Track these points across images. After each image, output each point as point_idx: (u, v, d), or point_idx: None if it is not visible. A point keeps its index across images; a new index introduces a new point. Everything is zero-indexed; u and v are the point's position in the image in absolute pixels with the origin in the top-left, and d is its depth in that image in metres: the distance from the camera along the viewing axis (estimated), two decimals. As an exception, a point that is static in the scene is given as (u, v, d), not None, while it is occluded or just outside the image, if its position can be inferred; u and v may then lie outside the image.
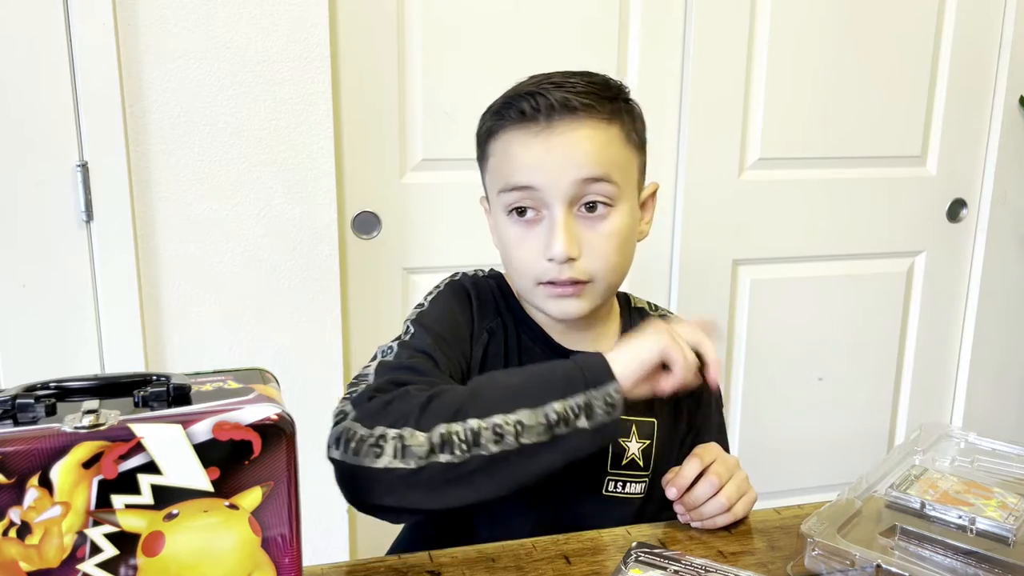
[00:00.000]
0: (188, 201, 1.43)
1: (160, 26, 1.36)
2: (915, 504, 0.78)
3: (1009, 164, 1.92)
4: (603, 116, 0.85)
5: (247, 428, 0.52)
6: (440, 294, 0.94)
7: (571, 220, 0.84)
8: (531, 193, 0.84)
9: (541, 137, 0.83)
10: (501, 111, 0.87)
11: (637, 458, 0.92)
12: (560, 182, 0.83)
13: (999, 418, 2.08)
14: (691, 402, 0.98)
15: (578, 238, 0.84)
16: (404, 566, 0.76)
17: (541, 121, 0.83)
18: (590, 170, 0.83)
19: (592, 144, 0.84)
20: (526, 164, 0.84)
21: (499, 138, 0.87)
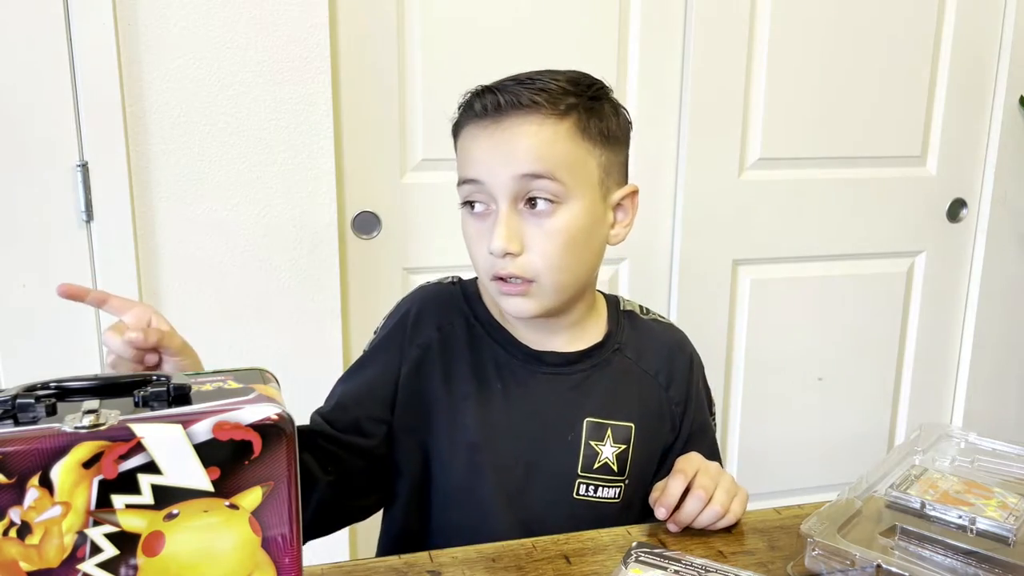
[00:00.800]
0: (188, 201, 1.43)
1: (160, 26, 1.36)
2: (915, 504, 0.78)
3: (1009, 164, 1.92)
4: (554, 112, 0.83)
5: (247, 428, 0.52)
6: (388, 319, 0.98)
7: (513, 215, 0.83)
8: (479, 187, 0.85)
9: (488, 131, 0.84)
10: (463, 109, 0.88)
11: (611, 462, 0.91)
12: (501, 176, 0.83)
13: (999, 418, 2.08)
14: (677, 407, 0.96)
15: (520, 234, 0.83)
16: (404, 566, 0.76)
17: (490, 116, 0.84)
18: (530, 166, 0.82)
19: (534, 140, 0.82)
20: (473, 158, 0.85)
21: (460, 133, 0.88)
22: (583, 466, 0.90)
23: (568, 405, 0.91)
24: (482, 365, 0.91)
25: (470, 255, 0.89)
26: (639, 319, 0.99)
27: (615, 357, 0.94)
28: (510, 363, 0.91)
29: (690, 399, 0.98)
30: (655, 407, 0.95)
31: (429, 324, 0.93)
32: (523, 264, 0.83)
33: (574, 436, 0.90)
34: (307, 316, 1.51)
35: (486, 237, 0.84)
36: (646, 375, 0.95)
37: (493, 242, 0.82)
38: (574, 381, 0.91)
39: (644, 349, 0.96)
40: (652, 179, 1.74)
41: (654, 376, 0.95)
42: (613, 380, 0.93)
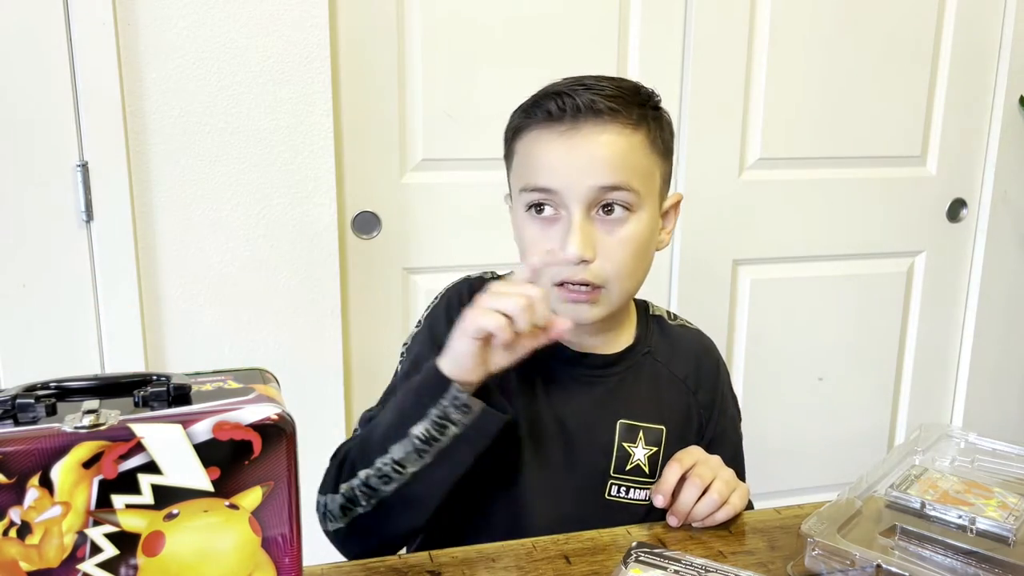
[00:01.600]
0: (188, 201, 1.43)
1: (160, 26, 1.36)
2: (915, 504, 0.78)
3: (1009, 164, 1.92)
4: (629, 121, 0.84)
5: (247, 428, 0.52)
6: (433, 312, 0.95)
7: (587, 222, 0.83)
8: (550, 195, 0.84)
9: (564, 138, 0.83)
10: (529, 109, 0.87)
11: (643, 464, 0.92)
12: (579, 186, 0.83)
13: (999, 418, 2.08)
14: (704, 412, 0.98)
15: (593, 241, 0.83)
16: (404, 566, 0.76)
17: (566, 122, 0.83)
18: (610, 177, 0.83)
19: (613, 150, 0.83)
20: (547, 165, 0.84)
21: (524, 136, 0.87)
22: (615, 467, 0.91)
23: (604, 407, 0.92)
24: (527, 363, 0.90)
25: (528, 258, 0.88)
26: (667, 324, 1.00)
27: (646, 360, 0.96)
28: (552, 363, 0.91)
29: (715, 404, 0.99)
30: (684, 410, 0.96)
31: None
32: (595, 271, 0.84)
33: (608, 437, 0.91)
34: (307, 316, 1.51)
35: (555, 243, 0.84)
36: (675, 378, 0.97)
37: (570, 248, 0.82)
38: (610, 384, 0.93)
39: (673, 353, 0.98)
40: (652, 179, 1.73)
41: (683, 380, 0.97)
42: (645, 383, 0.94)
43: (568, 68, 0.93)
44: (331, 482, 0.83)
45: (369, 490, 0.79)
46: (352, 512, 0.80)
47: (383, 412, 0.85)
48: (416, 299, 1.62)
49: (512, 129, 0.90)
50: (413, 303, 1.63)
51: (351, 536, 0.82)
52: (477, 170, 1.60)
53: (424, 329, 0.94)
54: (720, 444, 0.97)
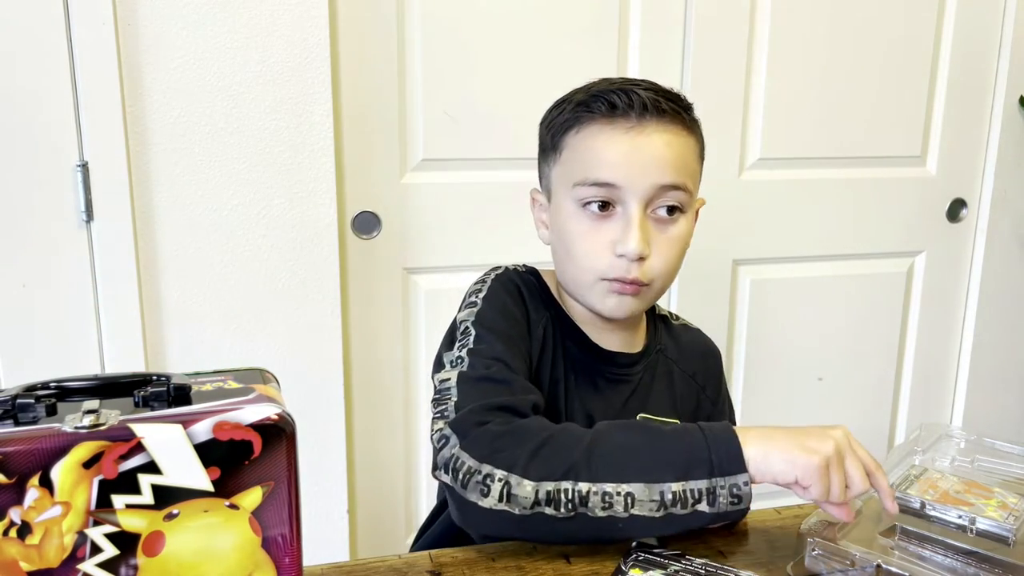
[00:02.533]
0: (188, 201, 1.43)
1: (160, 26, 1.36)
2: (915, 504, 0.78)
3: (1009, 164, 1.92)
4: (685, 124, 0.87)
5: (247, 428, 0.52)
6: (491, 290, 0.91)
7: (645, 219, 0.85)
8: (611, 190, 0.84)
9: (630, 135, 0.84)
10: (587, 103, 0.86)
11: None
12: (642, 183, 0.83)
13: (999, 418, 2.08)
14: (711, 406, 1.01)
15: (649, 238, 0.85)
16: (404, 566, 0.76)
17: (632, 118, 0.83)
18: (671, 176, 0.85)
19: (675, 151, 0.85)
20: (611, 160, 0.84)
21: (581, 131, 0.86)
22: None
23: (628, 403, 0.94)
24: (569, 358, 0.93)
25: (571, 252, 0.87)
26: (672, 324, 1.04)
27: (659, 358, 0.99)
28: (586, 360, 0.93)
29: (719, 399, 1.03)
30: (694, 405, 0.99)
31: (540, 307, 0.93)
32: (646, 268, 0.85)
33: None
34: (307, 316, 1.51)
35: (605, 238, 0.85)
36: (685, 375, 1.00)
37: (630, 245, 0.83)
38: (633, 381, 0.95)
39: (681, 351, 1.01)
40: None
41: (692, 376, 1.00)
42: (661, 379, 0.97)
43: (568, 68, 0.93)
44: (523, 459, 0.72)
45: (581, 503, 0.71)
46: (540, 508, 0.72)
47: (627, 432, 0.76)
48: (416, 299, 1.62)
49: (562, 124, 0.88)
50: (413, 303, 1.63)
51: (517, 524, 0.72)
52: (477, 170, 1.61)
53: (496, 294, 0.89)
54: None
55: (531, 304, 0.92)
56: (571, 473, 0.72)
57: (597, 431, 0.76)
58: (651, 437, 0.74)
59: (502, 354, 0.83)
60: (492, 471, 0.72)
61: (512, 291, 0.91)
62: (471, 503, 0.73)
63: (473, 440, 0.75)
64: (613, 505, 0.71)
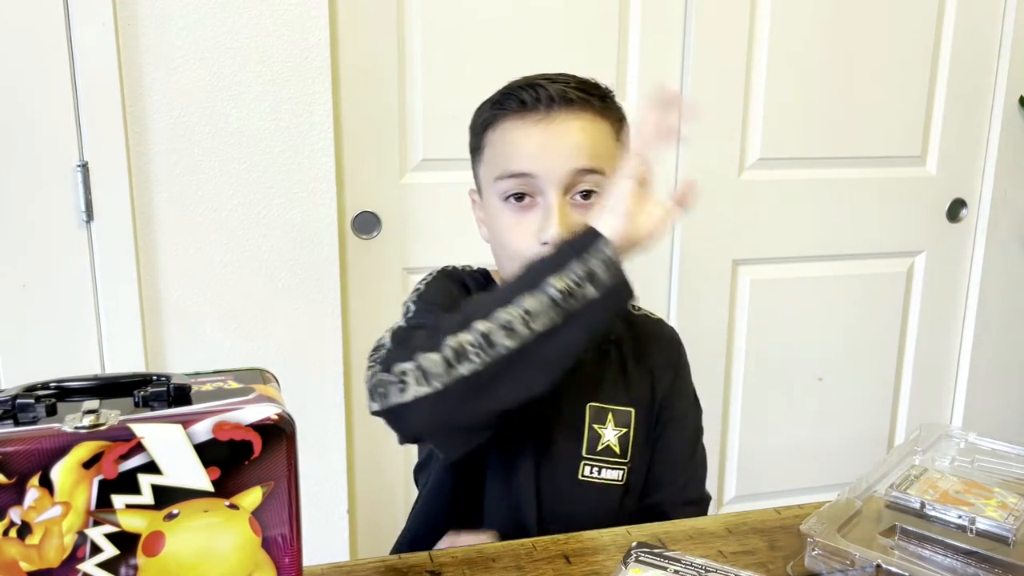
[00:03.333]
0: (188, 201, 1.43)
1: (160, 26, 1.36)
2: (915, 504, 0.78)
3: (1009, 164, 1.92)
4: (596, 110, 0.88)
5: (247, 428, 0.52)
6: (435, 279, 0.96)
7: (565, 205, 0.86)
8: (528, 180, 0.87)
9: (540, 126, 0.86)
10: (501, 101, 0.90)
11: (613, 445, 0.94)
12: (557, 170, 0.85)
13: (999, 418, 2.08)
14: (666, 396, 0.99)
15: (571, 223, 0.85)
16: (404, 566, 0.76)
17: (540, 111, 0.86)
18: (585, 160, 0.86)
19: (587, 135, 0.87)
20: (525, 152, 0.87)
21: (497, 127, 0.90)
22: (587, 448, 0.94)
23: (573, 391, 0.93)
24: None
25: (505, 246, 0.90)
26: (631, 314, 1.03)
27: (612, 348, 0.98)
28: None
29: (674, 388, 1.01)
30: (648, 395, 0.98)
31: None
32: None
33: (579, 420, 0.94)
34: (307, 316, 1.51)
35: (530, 228, 0.87)
36: (640, 366, 0.99)
37: (551, 230, 0.84)
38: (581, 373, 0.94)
39: (638, 341, 1.00)
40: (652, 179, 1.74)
41: (649, 367, 0.99)
42: (612, 368, 0.97)
43: (568, 68, 0.93)
44: (407, 348, 0.75)
45: (487, 344, 0.72)
46: (455, 371, 0.72)
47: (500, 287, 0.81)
48: (416, 299, 1.62)
49: (482, 123, 0.92)
50: (413, 303, 1.62)
51: (444, 401, 0.73)
52: (477, 170, 1.61)
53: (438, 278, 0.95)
54: (681, 425, 1.00)
55: None
56: (466, 322, 0.73)
57: (475, 295, 0.83)
58: (521, 268, 0.78)
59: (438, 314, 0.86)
60: (403, 366, 0.74)
61: (456, 281, 0.96)
62: (396, 407, 0.74)
63: (387, 360, 0.77)
64: (515, 329, 0.72)
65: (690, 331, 1.81)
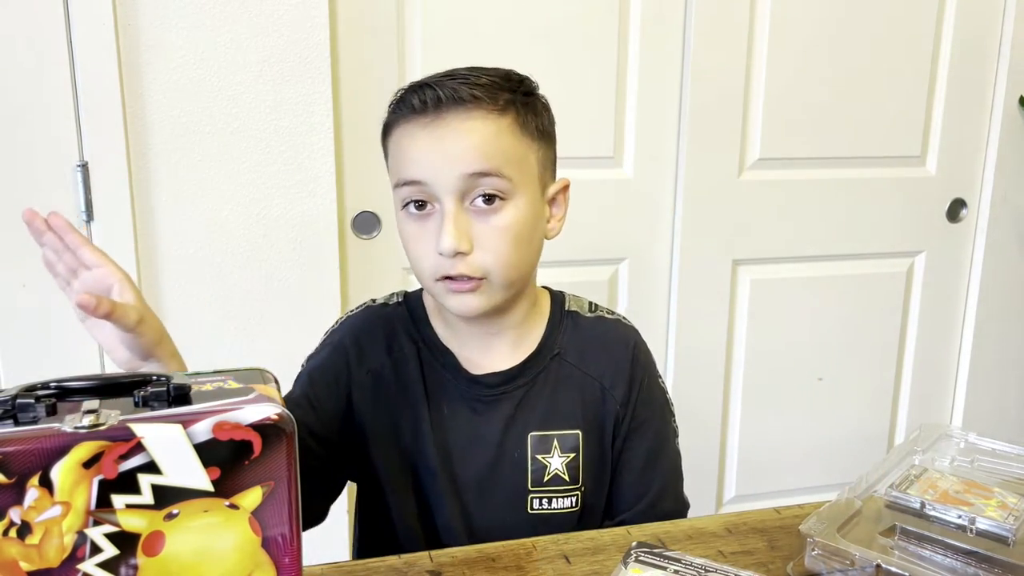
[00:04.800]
0: (188, 201, 1.43)
1: (160, 26, 1.36)
2: (915, 504, 0.78)
3: (1009, 164, 1.92)
4: (494, 107, 0.82)
5: (247, 428, 0.52)
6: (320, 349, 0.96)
7: (461, 213, 0.81)
8: (421, 187, 0.82)
9: (428, 129, 0.81)
10: (396, 106, 0.85)
11: (561, 473, 0.90)
12: (447, 176, 0.80)
13: (999, 418, 2.08)
14: (621, 407, 0.93)
15: (468, 232, 0.81)
16: (404, 566, 0.76)
17: (430, 113, 0.81)
18: (478, 164, 0.80)
19: (479, 136, 0.81)
20: (414, 158, 0.82)
21: (393, 133, 0.85)
22: (533, 481, 0.89)
23: (512, 423, 0.90)
24: (433, 390, 0.91)
25: (411, 258, 0.86)
26: (582, 318, 0.95)
27: (554, 364, 0.92)
28: (456, 388, 0.90)
29: (632, 394, 0.93)
30: (599, 409, 0.92)
31: (378, 349, 0.92)
32: (472, 262, 0.81)
33: (520, 453, 0.89)
34: (307, 316, 1.51)
35: (431, 237, 0.82)
36: (588, 378, 0.92)
37: (443, 241, 0.80)
38: (516, 397, 0.90)
39: (585, 350, 0.93)
40: (652, 179, 1.74)
41: (597, 379, 0.93)
42: (554, 389, 0.91)
43: (568, 68, 0.93)
44: None
45: None
46: None
47: None
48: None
49: (383, 128, 0.88)
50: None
51: None
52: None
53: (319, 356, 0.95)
54: (641, 434, 0.93)
55: (359, 358, 0.91)
56: None
57: None
58: None
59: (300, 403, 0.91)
60: None
61: (337, 353, 0.93)
62: None
63: None
64: None
65: (690, 331, 1.83)
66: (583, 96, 1.63)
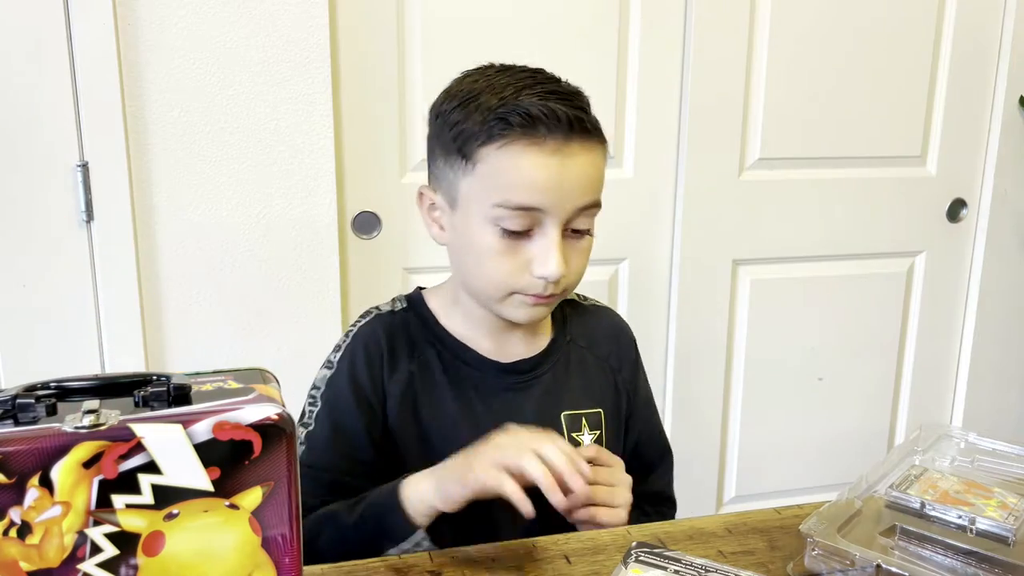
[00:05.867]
0: (188, 201, 1.43)
1: (160, 26, 1.36)
2: (915, 504, 0.78)
3: (1009, 164, 1.92)
4: (601, 139, 0.84)
5: (247, 428, 0.52)
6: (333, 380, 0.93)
7: (562, 240, 0.82)
8: (533, 213, 0.80)
9: (557, 158, 0.79)
10: (506, 117, 0.79)
11: None
12: (567, 207, 0.81)
13: (999, 418, 2.08)
14: (628, 388, 1.00)
15: (567, 257, 0.83)
16: (404, 566, 0.76)
17: (559, 138, 0.79)
18: (592, 196, 0.83)
19: (597, 170, 0.83)
20: (538, 185, 0.79)
21: (504, 148, 0.80)
22: None
23: (545, 406, 0.92)
24: (462, 389, 0.91)
25: (483, 269, 0.84)
26: (581, 307, 1.02)
27: (571, 348, 0.97)
28: (485, 381, 0.92)
29: (635, 376, 1.01)
30: (612, 389, 0.98)
31: (402, 357, 0.91)
32: (561, 283, 0.84)
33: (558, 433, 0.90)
34: (307, 316, 1.51)
35: (523, 256, 0.82)
36: (598, 360, 0.98)
37: (551, 267, 0.81)
38: (545, 382, 0.93)
39: (592, 335, 0.99)
40: (652, 179, 1.74)
41: (606, 360, 0.99)
42: (575, 371, 0.96)
43: (568, 68, 0.93)
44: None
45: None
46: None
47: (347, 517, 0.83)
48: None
49: (474, 132, 0.81)
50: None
51: None
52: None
53: (342, 376, 0.91)
54: (646, 406, 1.02)
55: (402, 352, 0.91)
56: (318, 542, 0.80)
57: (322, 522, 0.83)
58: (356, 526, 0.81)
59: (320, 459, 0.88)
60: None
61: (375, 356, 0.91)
62: None
63: None
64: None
65: (690, 331, 1.83)
66: (583, 96, 1.63)
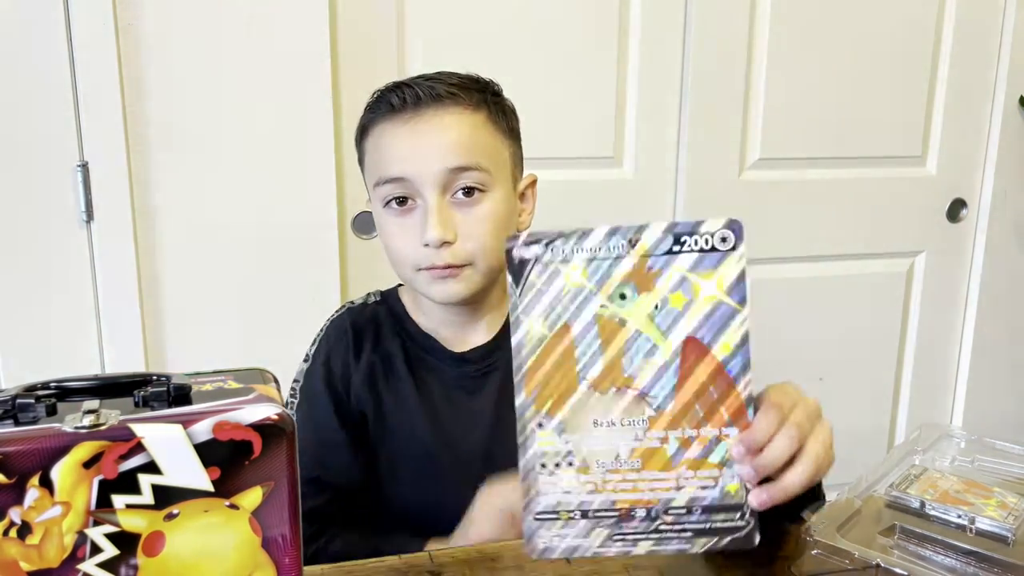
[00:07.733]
0: (188, 201, 1.43)
1: (160, 26, 1.36)
2: (915, 504, 0.78)
3: (1009, 164, 1.92)
4: (469, 104, 0.87)
5: (247, 428, 0.52)
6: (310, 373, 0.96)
7: (444, 205, 0.85)
8: (404, 184, 0.86)
9: (409, 126, 0.85)
10: (372, 106, 0.89)
11: None
12: (430, 171, 0.84)
13: (999, 418, 2.08)
14: None
15: (452, 223, 0.85)
16: (404, 566, 0.76)
17: (408, 110, 0.85)
18: (459, 159, 0.85)
19: (458, 131, 0.85)
20: (396, 155, 0.86)
21: (371, 133, 0.89)
22: None
23: (504, 394, 0.92)
24: (423, 380, 0.94)
25: (391, 253, 0.91)
26: None
27: None
28: (444, 371, 0.94)
29: None
30: None
31: (365, 348, 0.95)
32: (456, 252, 0.86)
33: None
34: (307, 316, 1.51)
35: (413, 231, 0.86)
36: None
37: (430, 233, 0.84)
38: (503, 370, 0.94)
39: None
40: (652, 179, 1.74)
41: None
42: None
43: (568, 68, 0.93)
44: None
45: None
46: None
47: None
48: (416, 299, 1.62)
49: (359, 129, 0.91)
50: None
51: None
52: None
53: (318, 367, 0.96)
54: None
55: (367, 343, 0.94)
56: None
57: None
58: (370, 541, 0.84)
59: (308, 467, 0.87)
60: None
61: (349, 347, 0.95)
62: None
63: None
64: None
65: (690, 331, 1.83)
66: (583, 96, 1.63)
